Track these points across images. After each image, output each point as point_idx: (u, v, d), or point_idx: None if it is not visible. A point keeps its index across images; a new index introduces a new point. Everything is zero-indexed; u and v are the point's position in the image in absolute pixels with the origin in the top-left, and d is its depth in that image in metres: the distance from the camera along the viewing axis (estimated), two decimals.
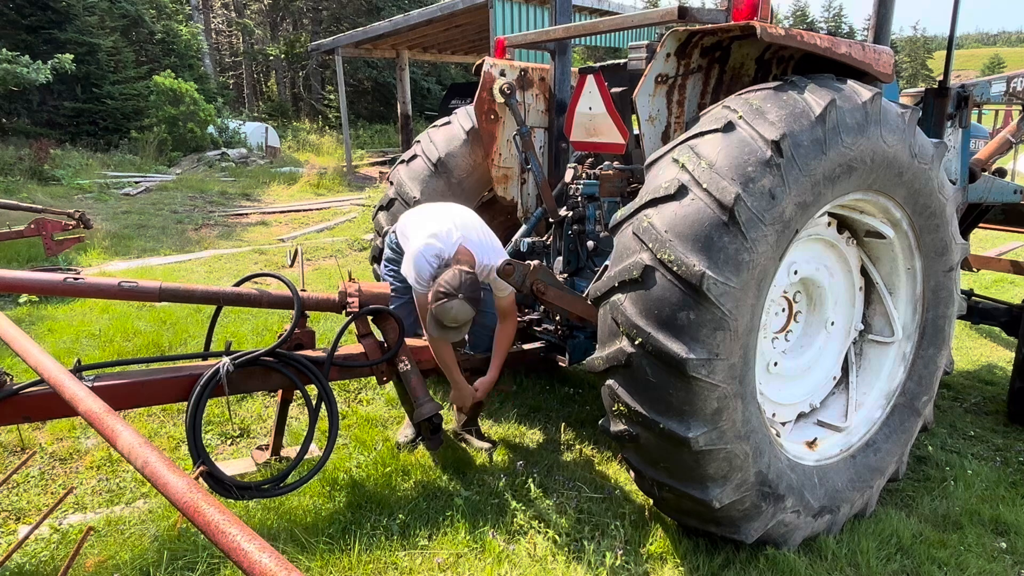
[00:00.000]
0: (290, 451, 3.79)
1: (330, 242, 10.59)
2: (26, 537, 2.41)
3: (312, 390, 3.22)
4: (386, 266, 3.93)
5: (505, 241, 4.21)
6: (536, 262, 3.46)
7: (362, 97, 33.67)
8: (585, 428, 4.29)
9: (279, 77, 37.27)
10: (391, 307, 3.54)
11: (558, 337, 4.21)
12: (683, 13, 3.10)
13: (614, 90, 3.82)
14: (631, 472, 3.06)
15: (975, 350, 5.96)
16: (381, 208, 4.64)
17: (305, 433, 3.16)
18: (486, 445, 3.98)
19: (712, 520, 2.83)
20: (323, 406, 3.18)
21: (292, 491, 3.14)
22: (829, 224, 3.22)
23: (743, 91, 2.78)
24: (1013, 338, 4.70)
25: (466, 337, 3.88)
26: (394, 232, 3.83)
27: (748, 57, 3.24)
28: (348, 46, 18.24)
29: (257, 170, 18.23)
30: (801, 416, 3.41)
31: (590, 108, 3.77)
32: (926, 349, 3.42)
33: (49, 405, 2.74)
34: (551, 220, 4.20)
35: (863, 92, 2.76)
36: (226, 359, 2.96)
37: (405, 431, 4.11)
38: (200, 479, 2.81)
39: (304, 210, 13.87)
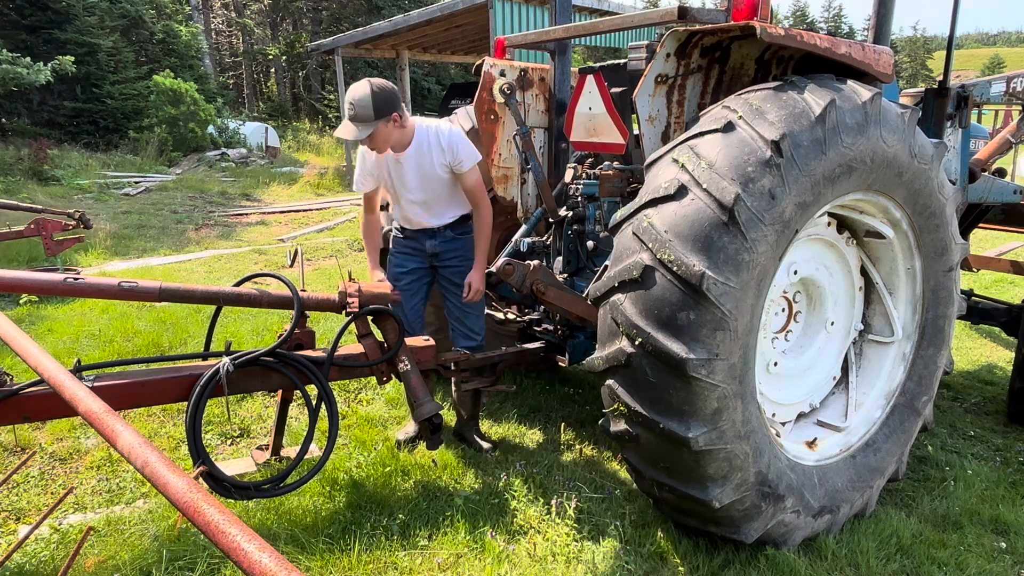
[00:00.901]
0: (290, 451, 3.80)
1: (330, 242, 10.59)
2: (26, 537, 2.41)
3: (312, 390, 3.22)
4: (392, 251, 4.04)
5: (505, 241, 4.22)
6: (536, 262, 3.46)
7: None
8: (585, 428, 4.29)
9: (279, 77, 37.26)
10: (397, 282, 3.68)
11: (558, 337, 4.21)
12: (683, 13, 3.09)
13: (614, 90, 3.81)
14: (631, 472, 3.06)
15: (975, 350, 5.95)
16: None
17: (305, 433, 3.16)
18: (486, 445, 3.98)
19: (712, 520, 2.83)
20: (323, 406, 3.18)
21: (292, 491, 3.14)
22: (829, 224, 3.22)
23: (743, 91, 2.78)
24: (1013, 338, 4.70)
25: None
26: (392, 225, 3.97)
27: (748, 57, 3.24)
28: (348, 46, 18.21)
29: (257, 170, 18.23)
30: (801, 416, 3.41)
31: (590, 108, 3.76)
32: (926, 349, 3.42)
33: (49, 405, 2.73)
34: (551, 220, 4.19)
35: (863, 92, 2.76)
36: (226, 359, 2.95)
37: (406, 429, 4.12)
38: (200, 479, 2.81)
39: (304, 210, 13.87)
